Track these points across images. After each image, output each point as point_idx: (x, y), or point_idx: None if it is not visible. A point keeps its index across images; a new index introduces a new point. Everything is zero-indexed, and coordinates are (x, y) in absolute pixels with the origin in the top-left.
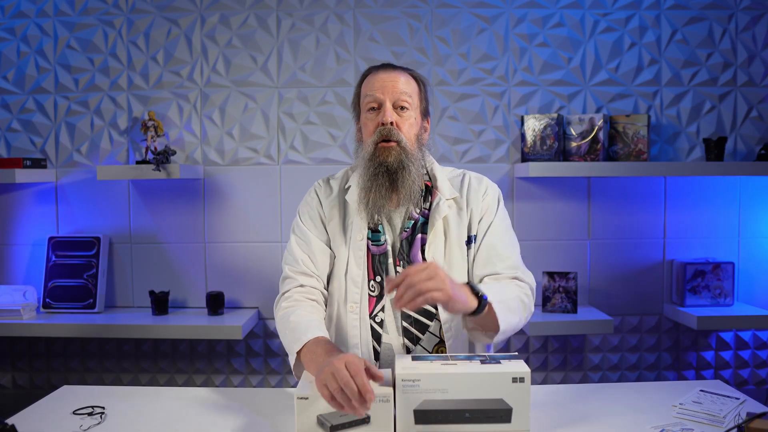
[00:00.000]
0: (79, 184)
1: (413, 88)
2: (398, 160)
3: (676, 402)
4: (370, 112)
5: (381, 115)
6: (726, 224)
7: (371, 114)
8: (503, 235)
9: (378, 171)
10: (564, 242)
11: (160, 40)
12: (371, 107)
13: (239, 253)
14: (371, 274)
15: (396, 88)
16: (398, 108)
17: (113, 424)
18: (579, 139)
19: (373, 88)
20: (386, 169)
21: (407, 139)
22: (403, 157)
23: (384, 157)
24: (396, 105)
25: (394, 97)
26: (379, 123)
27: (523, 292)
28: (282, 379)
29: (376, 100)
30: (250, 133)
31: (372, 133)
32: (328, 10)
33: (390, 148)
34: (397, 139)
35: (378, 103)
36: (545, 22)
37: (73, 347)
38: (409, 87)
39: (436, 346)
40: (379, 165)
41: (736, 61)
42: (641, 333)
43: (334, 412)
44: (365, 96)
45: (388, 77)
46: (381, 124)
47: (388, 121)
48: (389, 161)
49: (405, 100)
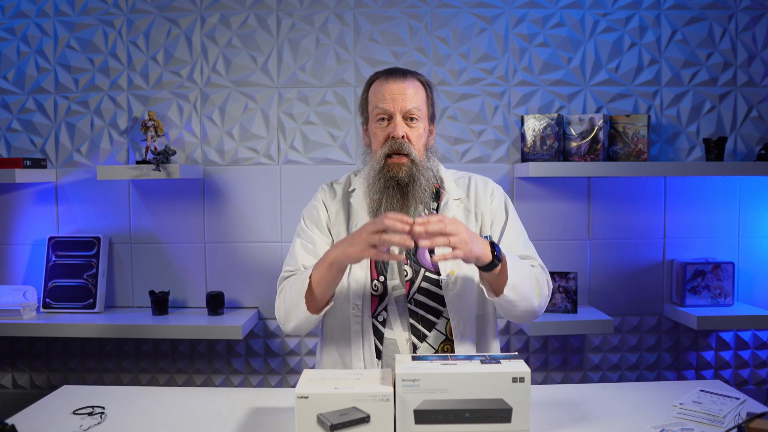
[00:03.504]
0: (79, 184)
1: (422, 97)
2: (409, 175)
3: (676, 402)
4: (380, 122)
5: (391, 128)
6: (726, 224)
7: (381, 124)
8: (518, 236)
9: (389, 184)
10: (564, 242)
11: (160, 40)
12: (381, 117)
13: (239, 253)
14: (374, 274)
15: (406, 101)
16: (408, 119)
17: (113, 424)
18: (579, 139)
19: (383, 99)
20: (397, 182)
21: (417, 151)
22: (413, 171)
23: (395, 172)
24: (406, 116)
25: (404, 109)
26: (389, 135)
27: (539, 273)
28: (282, 379)
29: (385, 112)
30: (250, 133)
31: (382, 144)
32: (328, 10)
33: (401, 164)
34: (407, 152)
35: (388, 115)
36: (545, 22)
37: (73, 347)
38: (418, 97)
39: (443, 343)
40: (390, 179)
41: (736, 61)
42: (641, 333)
43: (334, 412)
44: (374, 107)
45: (398, 88)
46: (391, 137)
47: (399, 135)
48: (400, 176)
49: (414, 112)
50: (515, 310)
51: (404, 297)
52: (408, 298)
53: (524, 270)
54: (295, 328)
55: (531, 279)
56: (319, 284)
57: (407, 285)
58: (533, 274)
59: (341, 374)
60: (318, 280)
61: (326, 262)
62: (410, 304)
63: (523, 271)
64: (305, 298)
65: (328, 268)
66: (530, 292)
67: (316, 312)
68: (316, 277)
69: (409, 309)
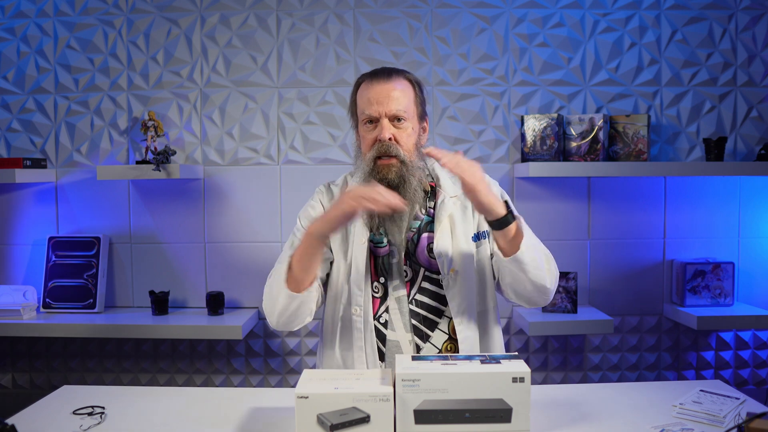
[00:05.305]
0: (79, 184)
1: (409, 97)
2: (399, 176)
3: (676, 402)
4: (367, 125)
5: (378, 131)
6: (726, 224)
7: (368, 127)
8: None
9: None
10: (564, 242)
11: (160, 40)
12: (367, 121)
13: (239, 253)
14: (375, 276)
15: (391, 103)
16: (395, 120)
17: (113, 424)
18: (579, 139)
19: (368, 102)
20: (387, 184)
21: (406, 151)
22: (403, 171)
23: (384, 174)
24: (392, 118)
25: (390, 111)
26: (376, 138)
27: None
28: (282, 379)
29: (371, 116)
30: (250, 133)
31: (370, 147)
32: (328, 10)
33: (390, 165)
34: (395, 153)
35: (374, 118)
36: (545, 22)
37: (73, 347)
38: (405, 97)
39: (446, 342)
40: (380, 181)
41: (736, 61)
42: (641, 333)
43: (334, 412)
44: (361, 112)
45: (383, 90)
46: (378, 140)
47: (386, 138)
48: (390, 178)
49: (401, 113)
50: (526, 280)
51: (405, 297)
52: (409, 298)
53: (537, 243)
54: (279, 318)
55: (543, 252)
56: (299, 261)
57: (407, 285)
58: (544, 250)
59: (341, 374)
60: (298, 257)
61: (306, 236)
62: (411, 305)
63: (537, 242)
64: (286, 280)
65: (306, 241)
66: (542, 263)
67: (295, 290)
68: (296, 254)
69: (411, 309)
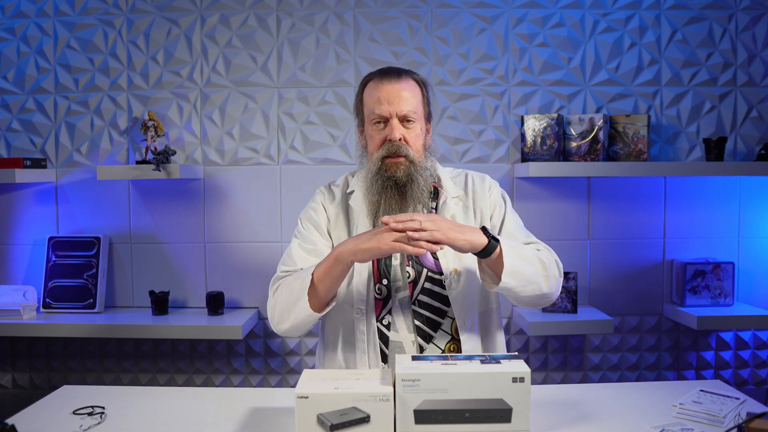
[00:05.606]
0: (79, 184)
1: (418, 98)
2: (407, 174)
3: (676, 402)
4: (376, 125)
5: (388, 130)
6: (726, 224)
7: (377, 126)
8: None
9: (387, 185)
10: (564, 242)
11: (160, 40)
12: (377, 120)
13: (239, 253)
14: (377, 277)
15: (402, 104)
16: (404, 121)
17: (113, 424)
18: (579, 139)
19: (378, 102)
20: (395, 182)
21: (415, 152)
22: (411, 170)
23: (393, 172)
24: (402, 118)
25: (400, 112)
26: (385, 137)
27: (543, 255)
28: (282, 379)
29: (381, 116)
30: (250, 133)
31: (379, 147)
32: (328, 10)
33: (398, 163)
34: (405, 153)
35: (384, 118)
36: (545, 22)
37: (73, 347)
38: (414, 98)
39: (449, 343)
40: (388, 179)
41: (736, 61)
42: (641, 333)
43: (334, 412)
44: (370, 111)
45: (393, 90)
46: (388, 140)
47: (396, 138)
48: (398, 176)
49: (410, 114)
50: (522, 296)
51: (408, 299)
52: (412, 299)
53: (526, 255)
54: (290, 329)
55: (535, 263)
56: (323, 280)
57: (410, 286)
58: (537, 257)
59: (341, 374)
60: (322, 276)
61: (332, 257)
62: (414, 306)
63: (524, 256)
64: (308, 295)
65: (333, 263)
66: (536, 275)
67: (318, 310)
68: (319, 273)
69: (414, 311)
